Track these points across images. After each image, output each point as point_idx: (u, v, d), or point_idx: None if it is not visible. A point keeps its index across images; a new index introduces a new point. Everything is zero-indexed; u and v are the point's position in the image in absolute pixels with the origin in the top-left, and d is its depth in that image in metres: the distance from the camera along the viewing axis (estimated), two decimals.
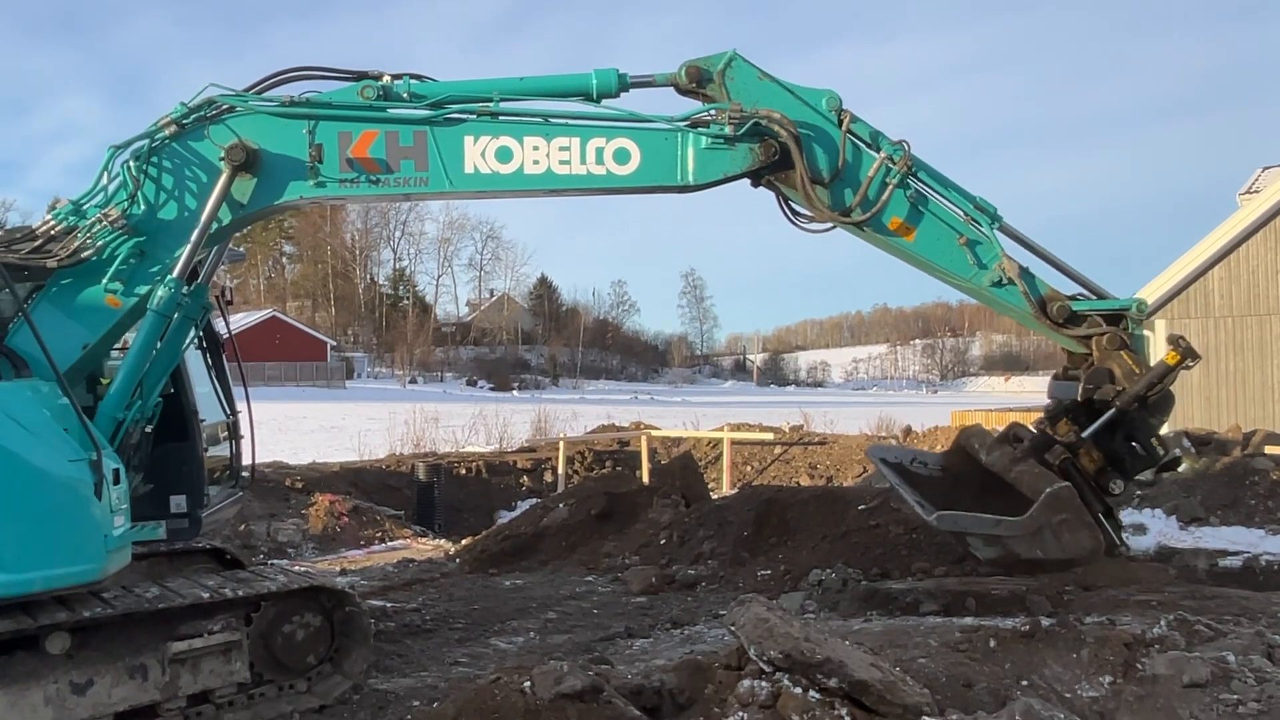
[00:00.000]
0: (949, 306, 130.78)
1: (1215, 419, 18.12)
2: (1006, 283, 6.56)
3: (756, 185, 6.57)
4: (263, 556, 12.56)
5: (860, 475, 20.51)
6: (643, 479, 18.00)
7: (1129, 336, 6.57)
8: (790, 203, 6.62)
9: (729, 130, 6.26)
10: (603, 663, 6.12)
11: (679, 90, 6.62)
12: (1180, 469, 12.55)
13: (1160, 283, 19.45)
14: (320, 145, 6.17)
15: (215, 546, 7.81)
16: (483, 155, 6.28)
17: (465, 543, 13.42)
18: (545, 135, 6.31)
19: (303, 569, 9.66)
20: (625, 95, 6.52)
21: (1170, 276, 19.38)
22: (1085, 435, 6.37)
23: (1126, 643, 5.69)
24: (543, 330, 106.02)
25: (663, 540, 11.46)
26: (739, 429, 23.92)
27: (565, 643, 8.01)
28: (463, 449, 23.03)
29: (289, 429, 30.26)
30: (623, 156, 6.33)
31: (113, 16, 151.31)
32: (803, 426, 25.96)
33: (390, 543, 14.45)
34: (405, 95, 6.29)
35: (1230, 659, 5.25)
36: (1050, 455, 6.41)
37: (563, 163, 6.31)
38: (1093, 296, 6.78)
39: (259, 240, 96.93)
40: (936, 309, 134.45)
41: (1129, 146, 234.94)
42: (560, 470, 20.35)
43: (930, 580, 8.57)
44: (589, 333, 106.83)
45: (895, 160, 6.43)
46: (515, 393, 72.54)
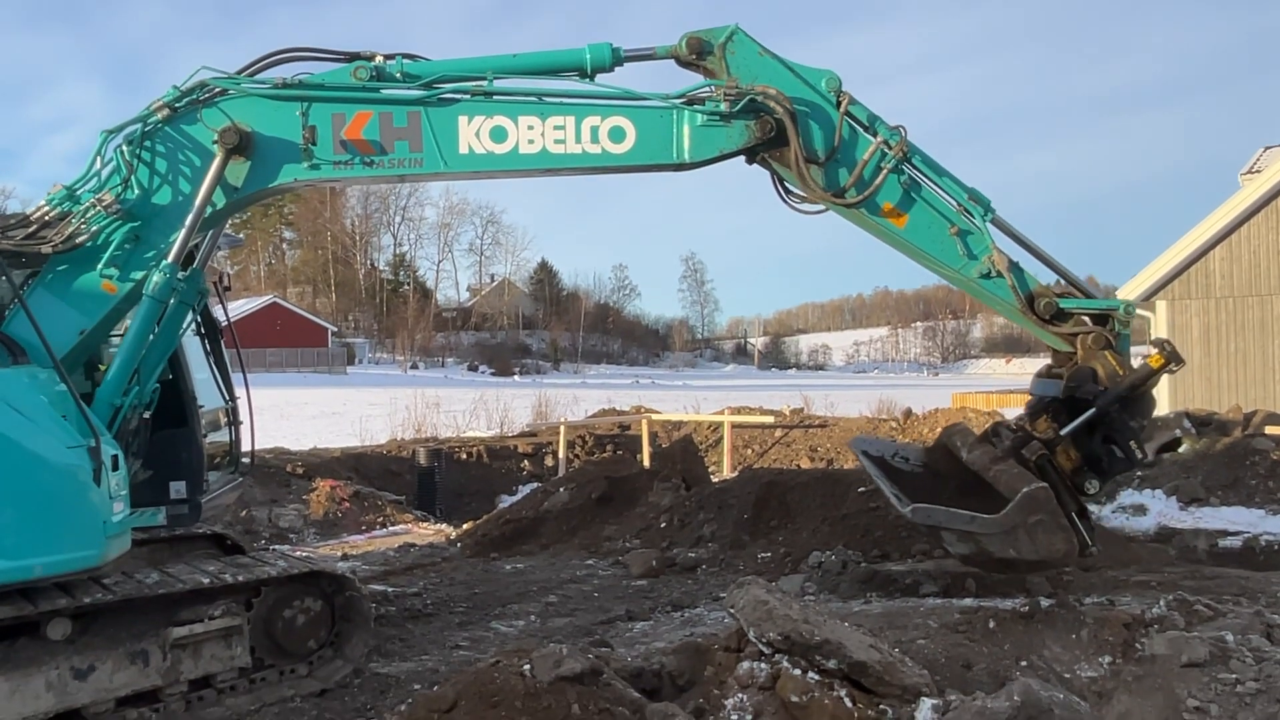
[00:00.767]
0: (950, 289, 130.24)
1: (1216, 399, 18.11)
2: (995, 275, 6.53)
3: (751, 162, 6.53)
4: (264, 542, 12.60)
5: None
6: (643, 463, 18.01)
7: (1114, 337, 6.52)
8: (784, 182, 6.59)
9: (725, 107, 6.22)
10: (603, 645, 6.14)
11: (679, 62, 6.55)
12: (1181, 449, 12.59)
13: (1161, 263, 19.41)
14: (314, 127, 6.13)
15: (216, 532, 7.83)
16: (477, 135, 6.24)
17: (466, 527, 13.46)
18: (540, 114, 6.27)
19: (304, 554, 9.69)
20: (621, 72, 6.48)
21: (1171, 257, 19.34)
22: (1064, 433, 6.35)
23: (1126, 623, 5.70)
24: (543, 315, 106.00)
25: (663, 524, 11.48)
26: (740, 412, 23.91)
27: (566, 626, 8.03)
28: (464, 434, 23.05)
29: (291, 415, 30.29)
30: (618, 135, 6.29)
31: (111, 3, 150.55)
32: (803, 409, 25.94)
33: (391, 528, 14.49)
34: (399, 75, 6.24)
35: (1229, 639, 5.26)
36: (1027, 451, 6.38)
37: (558, 142, 6.26)
38: (1081, 295, 6.75)
39: (259, 226, 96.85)
40: (938, 291, 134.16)
41: (1130, 128, 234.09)
42: (561, 455, 20.36)
43: (930, 562, 8.58)
44: (590, 317, 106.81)
45: (891, 145, 6.39)
46: (516, 377, 72.59)
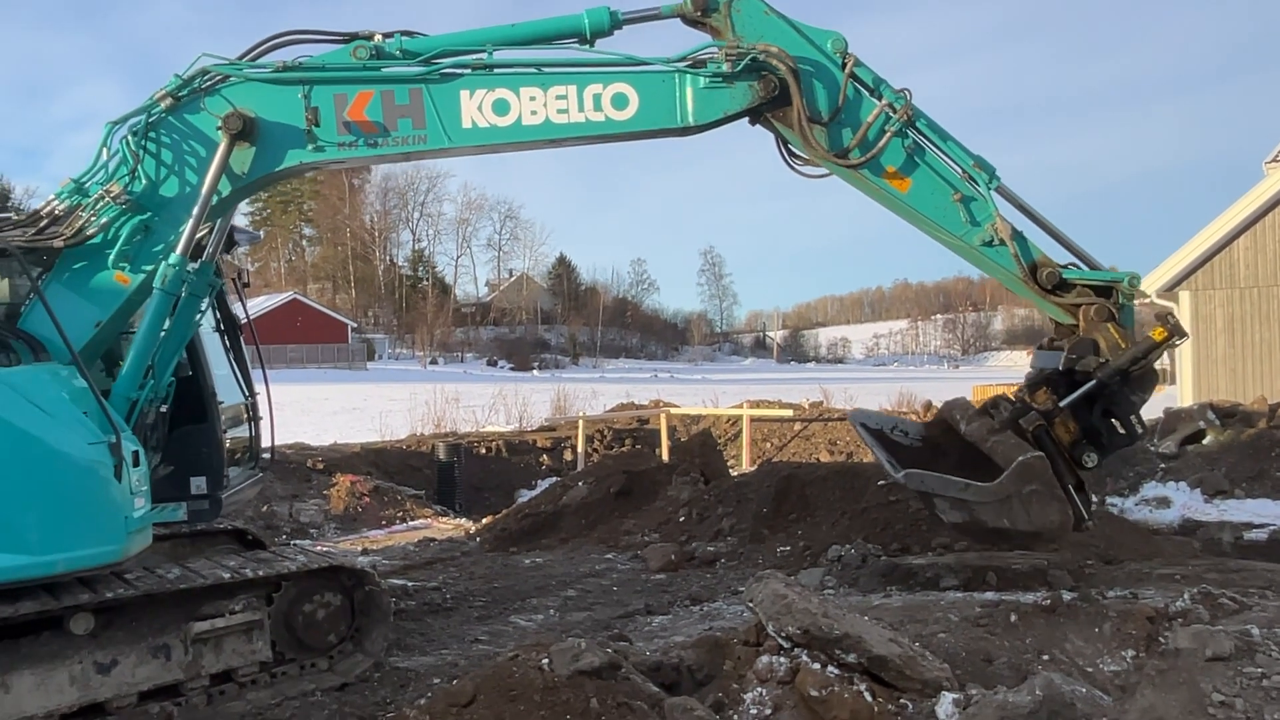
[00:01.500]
0: (970, 281, 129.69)
1: (1240, 391, 17.90)
2: (998, 243, 6.46)
3: (754, 123, 6.48)
4: (285, 537, 12.65)
5: None
6: (662, 457, 18.02)
7: (1118, 309, 6.43)
8: (788, 145, 6.54)
9: (727, 68, 6.18)
10: (621, 640, 6.13)
11: (685, 20, 6.50)
12: (1205, 441, 12.47)
13: (1184, 253, 19.19)
14: (316, 109, 6.12)
15: (237, 527, 7.87)
16: (480, 109, 6.22)
17: (485, 521, 13.49)
18: (541, 85, 6.23)
19: (324, 549, 9.74)
20: (621, 36, 6.44)
21: (1195, 247, 19.12)
22: (1062, 405, 6.26)
23: (1149, 616, 5.64)
24: (562, 309, 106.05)
25: (682, 518, 11.47)
26: (758, 406, 23.86)
27: (585, 620, 8.03)
28: (483, 428, 23.10)
29: (311, 410, 30.43)
30: (621, 101, 6.25)
31: (131, 2, 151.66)
32: (823, 403, 25.87)
33: (411, 522, 14.54)
34: (398, 53, 6.22)
35: (1255, 632, 5.19)
36: (1024, 422, 6.30)
37: (560, 111, 6.23)
38: (1085, 267, 6.66)
39: (279, 223, 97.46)
40: (958, 284, 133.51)
41: (1153, 116, 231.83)
42: (580, 449, 20.37)
43: (950, 555, 8.53)
44: (608, 311, 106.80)
45: (896, 108, 6.33)
46: (535, 372, 72.67)
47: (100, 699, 5.52)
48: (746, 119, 6.45)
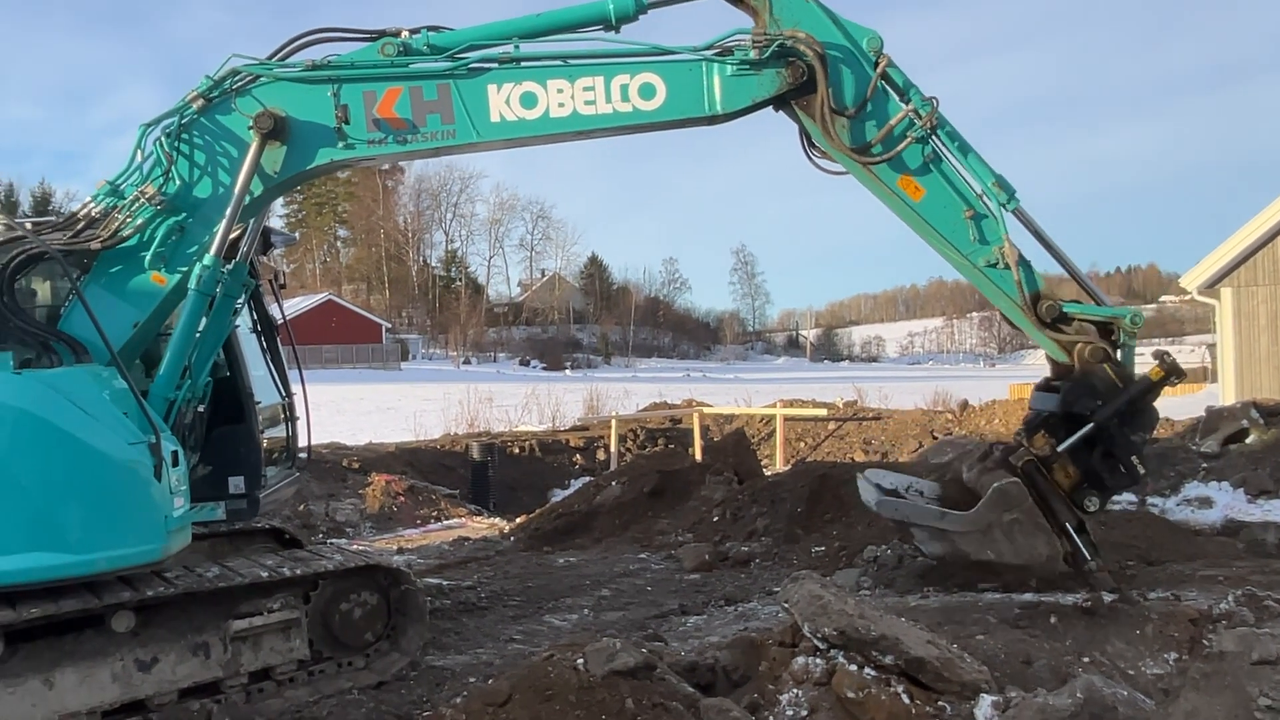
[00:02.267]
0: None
1: None
2: (1002, 267, 6.32)
3: (778, 110, 6.41)
4: (321, 536, 12.78)
5: (916, 450, 20.30)
6: (695, 456, 17.99)
7: (1115, 348, 6.26)
8: (809, 137, 6.47)
9: (754, 55, 6.14)
10: (656, 640, 6.13)
11: None
12: (1248, 440, 12.24)
13: (1226, 249, 18.87)
14: (346, 106, 6.14)
15: (274, 526, 7.95)
16: (507, 102, 6.21)
17: (519, 521, 13.54)
18: (569, 76, 6.22)
19: (360, 548, 9.81)
20: (647, 23, 6.39)
21: (1237, 242, 18.79)
22: (1061, 449, 6.08)
23: (1192, 619, 5.56)
24: (594, 309, 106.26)
25: (716, 517, 11.44)
26: (792, 405, 23.79)
27: (619, 620, 8.03)
28: (516, 428, 23.20)
29: (346, 410, 30.69)
30: (648, 91, 6.22)
31: (168, 7, 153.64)
32: (857, 402, 25.75)
33: (446, 521, 14.63)
34: (425, 48, 6.24)
35: None
36: (1014, 459, 6.16)
37: (588, 103, 6.21)
38: (1090, 302, 6.48)
39: (314, 225, 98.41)
40: None
41: (1194, 110, 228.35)
42: (612, 448, 20.41)
43: None
44: (640, 311, 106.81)
45: (921, 114, 6.24)
46: (567, 372, 72.82)
47: (142, 696, 5.58)
48: (772, 106, 6.38)
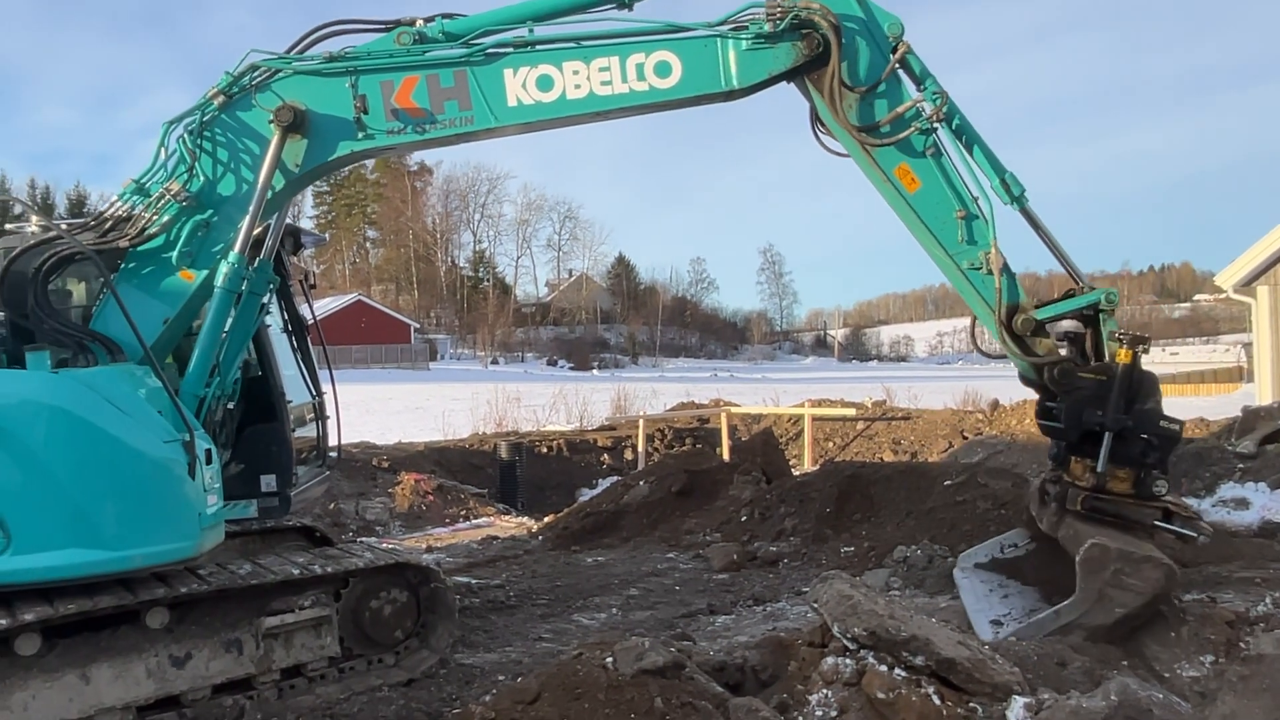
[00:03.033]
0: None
1: None
2: (986, 272, 6.27)
3: (790, 81, 6.36)
4: (351, 534, 12.86)
5: (946, 450, 20.15)
6: (723, 456, 17.96)
7: (1083, 352, 6.28)
8: (818, 117, 6.42)
9: (769, 28, 6.11)
10: (685, 639, 6.12)
11: None
12: None
13: (1263, 246, 18.52)
14: (364, 97, 6.16)
15: (305, 524, 8.01)
16: (524, 86, 6.22)
17: (547, 520, 13.57)
18: (584, 58, 6.21)
19: (390, 546, 9.87)
20: (653, 3, 6.38)
21: (1274, 239, 18.41)
22: (1100, 470, 6.00)
23: (1229, 621, 5.48)
24: (621, 309, 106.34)
25: (744, 517, 11.42)
26: (820, 405, 23.68)
27: (647, 619, 8.03)
28: (544, 428, 23.25)
29: (375, 410, 30.88)
30: (664, 69, 6.20)
31: (199, 10, 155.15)
32: (886, 401, 25.59)
33: (474, 520, 14.69)
34: (440, 36, 6.27)
35: None
36: (1069, 504, 6.09)
37: (604, 83, 6.21)
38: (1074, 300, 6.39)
39: (343, 226, 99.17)
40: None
41: (1233, 105, 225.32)
42: (640, 448, 20.41)
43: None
44: (667, 311, 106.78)
45: (930, 106, 6.19)
46: (595, 371, 72.89)
47: (176, 691, 5.65)
48: (787, 80, 6.35)
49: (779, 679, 4.98)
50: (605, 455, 20.77)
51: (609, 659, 4.59)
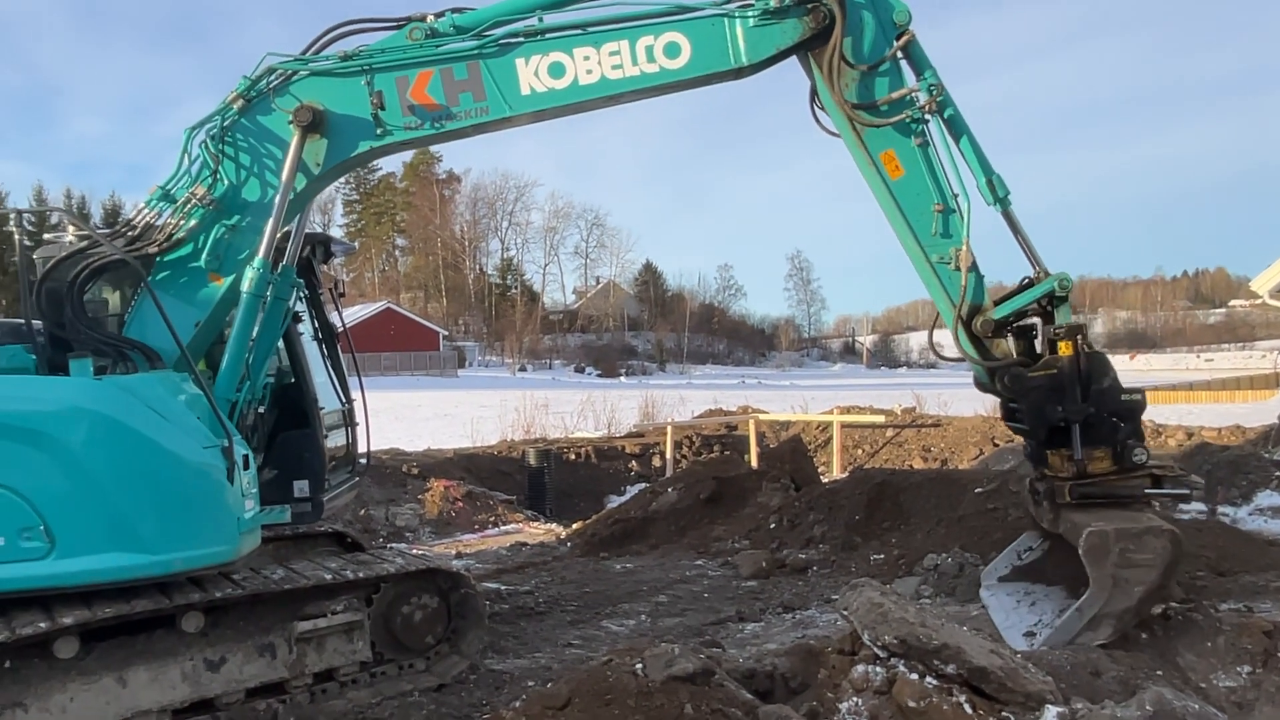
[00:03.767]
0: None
1: None
2: (954, 268, 6.31)
3: (794, 54, 6.39)
4: (382, 540, 12.96)
5: (976, 458, 19.98)
6: (751, 463, 17.91)
7: (1035, 352, 6.31)
8: (817, 97, 6.45)
9: (775, 3, 6.15)
10: (714, 646, 6.12)
11: None
12: None
13: None
14: (380, 94, 6.25)
15: (337, 530, 8.08)
16: (536, 74, 6.30)
17: (576, 527, 13.60)
18: (594, 43, 6.29)
19: (420, 552, 9.93)
20: None
21: None
22: (1078, 458, 6.02)
23: (1266, 631, 5.41)
24: (649, 316, 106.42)
25: (772, 524, 11.39)
26: (849, 412, 23.55)
27: (676, 626, 8.03)
28: (572, 435, 23.29)
29: (405, 417, 31.09)
30: (673, 50, 6.26)
31: (230, 23, 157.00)
32: (915, 408, 25.42)
33: (503, 527, 14.75)
34: (451, 29, 6.33)
35: None
36: (1058, 497, 6.11)
37: (615, 67, 6.27)
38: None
39: (372, 234, 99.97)
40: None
41: (1263, 108, 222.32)
42: (668, 455, 20.40)
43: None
44: (695, 317, 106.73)
45: (925, 96, 6.21)
46: (623, 378, 73.02)
47: (210, 695, 5.72)
48: (795, 56, 6.39)
49: (809, 687, 4.96)
50: (633, 462, 20.79)
51: (639, 665, 4.60)
